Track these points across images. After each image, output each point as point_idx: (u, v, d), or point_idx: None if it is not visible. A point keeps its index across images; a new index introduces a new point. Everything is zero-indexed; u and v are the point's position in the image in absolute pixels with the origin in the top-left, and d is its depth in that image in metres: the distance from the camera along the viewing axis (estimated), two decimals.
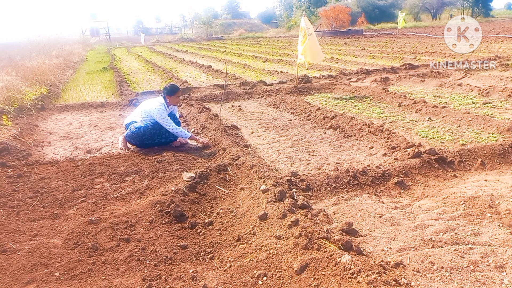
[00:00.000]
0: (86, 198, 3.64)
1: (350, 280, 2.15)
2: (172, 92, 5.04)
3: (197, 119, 6.39)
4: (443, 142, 4.79)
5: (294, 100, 7.40)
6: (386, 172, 3.85)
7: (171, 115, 5.16)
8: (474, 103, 6.68)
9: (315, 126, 5.86)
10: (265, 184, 3.37)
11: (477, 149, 4.25)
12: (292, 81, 9.66)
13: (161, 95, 5.13)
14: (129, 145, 5.13)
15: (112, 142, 5.57)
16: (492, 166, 4.03)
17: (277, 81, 10.11)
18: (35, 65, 11.69)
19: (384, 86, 8.70)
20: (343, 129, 5.45)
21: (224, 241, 2.89)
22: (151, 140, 4.99)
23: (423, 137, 5.05)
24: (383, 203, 3.39)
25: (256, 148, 4.99)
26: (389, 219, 3.09)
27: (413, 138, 4.98)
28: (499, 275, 2.33)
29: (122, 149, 5.05)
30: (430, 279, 2.33)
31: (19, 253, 2.72)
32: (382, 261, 2.48)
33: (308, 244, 2.46)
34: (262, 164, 4.09)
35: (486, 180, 3.69)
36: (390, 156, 4.37)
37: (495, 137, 4.80)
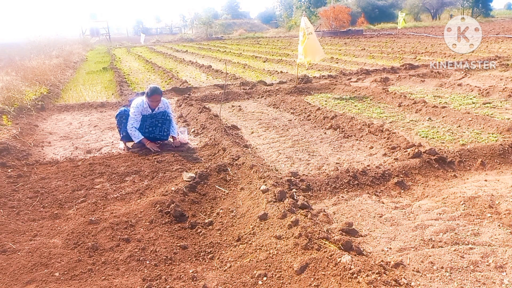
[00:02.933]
0: (86, 198, 3.64)
1: (350, 280, 2.15)
2: (147, 93, 4.91)
3: (197, 119, 6.39)
4: (443, 142, 4.79)
5: (294, 100, 7.40)
6: (386, 172, 3.85)
7: (152, 116, 5.02)
8: (474, 103, 6.68)
9: (315, 126, 5.86)
10: (265, 184, 3.37)
11: (477, 149, 4.25)
12: (292, 81, 9.66)
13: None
14: (129, 145, 5.14)
15: (112, 142, 5.57)
16: (492, 166, 4.03)
17: (277, 81, 10.11)
18: (35, 65, 11.69)
19: (384, 86, 8.70)
20: (343, 129, 5.45)
21: (224, 241, 2.89)
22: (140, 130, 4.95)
23: (423, 137, 5.05)
24: (383, 203, 3.39)
25: (256, 148, 4.99)
26: (389, 219, 3.09)
27: (413, 138, 4.98)
28: (499, 275, 2.33)
29: (122, 149, 5.06)
30: (430, 279, 2.33)
31: (19, 253, 2.72)
32: (382, 261, 2.48)
33: (308, 244, 2.46)
34: (262, 164, 4.09)
35: (486, 180, 3.69)
36: (390, 156, 4.37)
37: (495, 137, 4.80)
